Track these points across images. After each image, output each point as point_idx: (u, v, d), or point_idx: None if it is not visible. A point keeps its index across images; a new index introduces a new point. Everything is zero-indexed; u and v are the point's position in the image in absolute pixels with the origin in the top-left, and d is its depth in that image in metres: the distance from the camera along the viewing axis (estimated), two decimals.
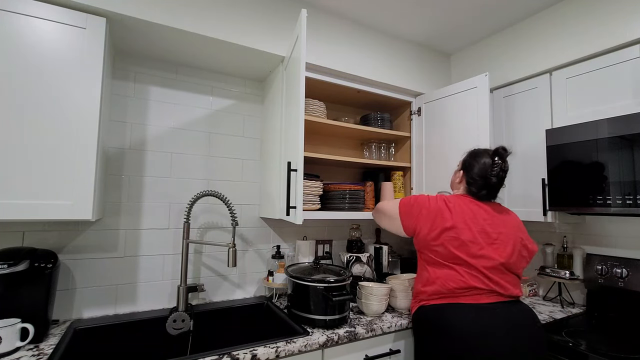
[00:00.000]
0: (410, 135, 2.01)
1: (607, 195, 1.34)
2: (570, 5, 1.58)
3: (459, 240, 1.16)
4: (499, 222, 1.21)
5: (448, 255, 1.17)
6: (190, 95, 1.65)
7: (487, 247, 1.15)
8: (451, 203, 1.23)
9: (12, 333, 1.04)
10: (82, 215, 1.10)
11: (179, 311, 1.41)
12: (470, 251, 1.15)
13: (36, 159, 1.05)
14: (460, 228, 1.17)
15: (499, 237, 1.18)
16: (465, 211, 1.20)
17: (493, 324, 1.07)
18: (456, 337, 1.07)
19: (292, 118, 1.34)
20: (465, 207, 1.22)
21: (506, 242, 1.18)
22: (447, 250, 1.17)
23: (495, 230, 1.18)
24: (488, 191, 1.24)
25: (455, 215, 1.19)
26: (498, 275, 1.15)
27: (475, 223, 1.18)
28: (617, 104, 1.39)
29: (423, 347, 1.20)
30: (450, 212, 1.20)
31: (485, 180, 1.23)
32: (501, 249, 1.16)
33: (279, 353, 1.11)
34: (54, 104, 1.08)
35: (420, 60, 2.01)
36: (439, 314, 1.15)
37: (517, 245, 1.20)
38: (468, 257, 1.14)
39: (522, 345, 1.06)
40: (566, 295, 1.77)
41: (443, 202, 1.23)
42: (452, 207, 1.21)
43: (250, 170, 1.78)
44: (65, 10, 1.12)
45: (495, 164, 1.22)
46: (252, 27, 1.46)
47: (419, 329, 1.23)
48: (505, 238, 1.18)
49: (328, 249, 1.95)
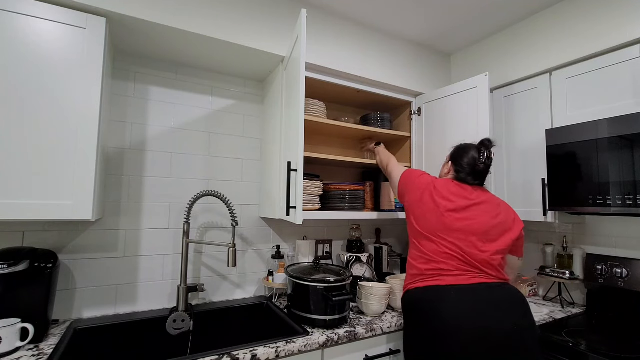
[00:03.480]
0: (410, 135, 2.01)
1: (607, 195, 1.34)
2: (570, 5, 1.58)
3: (438, 209, 1.24)
4: (481, 199, 1.26)
5: (428, 224, 1.24)
6: (190, 95, 1.65)
7: (466, 219, 1.21)
8: (437, 181, 1.33)
9: (12, 333, 1.04)
10: (82, 215, 1.10)
11: (179, 311, 1.41)
12: (447, 222, 1.21)
13: (36, 159, 1.05)
14: (440, 199, 1.25)
15: (480, 213, 1.22)
16: (449, 186, 1.29)
17: (474, 305, 1.08)
18: (436, 320, 1.10)
19: (292, 118, 1.34)
20: (450, 184, 1.30)
21: (485, 213, 1.22)
22: (428, 217, 1.25)
23: (476, 207, 1.23)
24: (474, 177, 1.30)
25: (440, 188, 1.28)
26: (477, 249, 1.17)
27: (457, 197, 1.25)
28: (617, 104, 1.39)
29: (406, 330, 1.23)
30: (435, 186, 1.30)
31: (473, 168, 1.29)
32: (479, 218, 1.21)
33: (279, 353, 1.11)
34: (54, 104, 1.08)
35: (420, 60, 2.01)
36: (420, 297, 1.18)
37: (499, 218, 1.22)
38: (445, 229, 1.21)
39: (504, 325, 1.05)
40: (566, 295, 1.77)
41: (432, 178, 1.36)
42: (438, 183, 1.32)
43: (250, 170, 1.78)
44: (65, 10, 1.12)
45: (481, 154, 1.29)
46: (252, 27, 1.46)
47: (404, 314, 1.26)
48: (486, 209, 1.23)
49: (328, 249, 1.95)
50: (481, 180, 1.31)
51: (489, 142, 1.31)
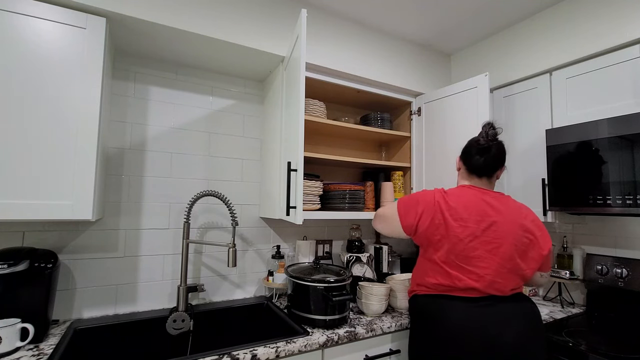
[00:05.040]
0: (410, 135, 2.01)
1: (607, 195, 1.34)
2: (570, 5, 1.58)
3: (455, 240, 1.11)
4: (504, 211, 1.14)
5: (444, 256, 1.13)
6: (190, 95, 1.65)
7: (482, 248, 1.10)
8: (448, 195, 1.19)
9: (12, 333, 1.04)
10: (82, 215, 1.10)
11: (179, 311, 1.41)
12: (467, 255, 1.10)
13: (36, 159, 1.05)
14: (456, 226, 1.12)
15: (496, 237, 1.10)
16: (463, 200, 1.16)
17: (484, 318, 1.06)
18: (444, 327, 1.09)
19: (292, 118, 1.34)
20: (464, 196, 1.17)
21: (503, 241, 1.10)
22: (444, 249, 1.13)
23: (499, 222, 1.12)
24: (481, 156, 1.20)
25: (452, 210, 1.14)
26: (500, 277, 1.10)
27: (476, 216, 1.12)
28: (617, 104, 1.39)
29: (412, 334, 1.22)
30: (448, 205, 1.15)
31: (478, 147, 1.20)
32: (497, 251, 1.10)
33: (279, 353, 1.11)
34: (54, 104, 1.08)
35: (420, 60, 2.01)
36: (429, 304, 1.16)
37: (519, 244, 1.11)
38: (464, 263, 1.11)
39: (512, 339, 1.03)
40: (566, 295, 1.77)
41: (441, 195, 1.19)
42: (449, 197, 1.17)
43: (250, 170, 1.78)
44: (65, 10, 1.12)
45: (480, 133, 1.21)
46: (252, 27, 1.46)
47: (411, 317, 1.25)
48: (504, 236, 1.10)
49: (328, 249, 1.95)
50: (490, 161, 1.20)
51: (489, 122, 1.22)
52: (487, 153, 1.20)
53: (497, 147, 1.21)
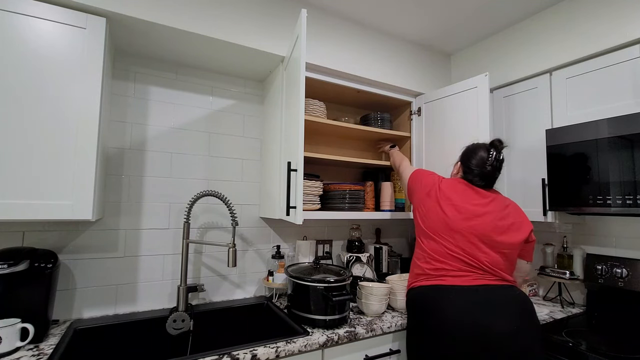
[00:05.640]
0: (410, 135, 2.01)
1: (607, 195, 1.34)
2: (570, 5, 1.58)
3: (441, 209, 1.24)
4: (488, 199, 1.24)
5: (431, 223, 1.25)
6: (190, 95, 1.65)
7: (469, 220, 1.20)
8: (443, 182, 1.33)
9: (12, 333, 1.04)
10: (82, 215, 1.10)
11: (179, 311, 1.41)
12: (450, 222, 1.21)
13: (36, 159, 1.05)
14: (444, 199, 1.26)
15: (484, 213, 1.20)
16: (455, 187, 1.29)
17: (474, 305, 1.08)
18: (437, 318, 1.11)
19: (292, 118, 1.34)
20: (456, 185, 1.30)
21: (490, 213, 1.21)
22: (431, 216, 1.26)
23: (481, 208, 1.22)
24: (482, 178, 1.28)
25: (444, 189, 1.29)
26: (479, 251, 1.17)
27: (462, 197, 1.25)
28: (617, 104, 1.39)
29: (408, 326, 1.25)
30: (439, 186, 1.31)
31: (481, 169, 1.27)
32: (483, 219, 1.20)
33: (279, 353, 1.11)
34: (54, 104, 1.08)
35: (420, 60, 2.01)
36: (422, 295, 1.20)
37: (506, 220, 1.20)
38: (447, 229, 1.21)
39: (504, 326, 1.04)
40: (566, 295, 1.77)
41: (438, 178, 1.37)
42: (443, 184, 1.32)
43: (250, 170, 1.78)
44: (65, 10, 1.12)
45: (490, 154, 1.27)
46: (252, 27, 1.46)
47: (408, 310, 1.28)
48: (493, 209, 1.21)
49: (328, 249, 1.95)
50: (489, 182, 1.28)
51: (500, 143, 1.29)
52: (491, 176, 1.27)
53: (499, 167, 1.27)
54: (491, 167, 1.25)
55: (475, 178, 1.28)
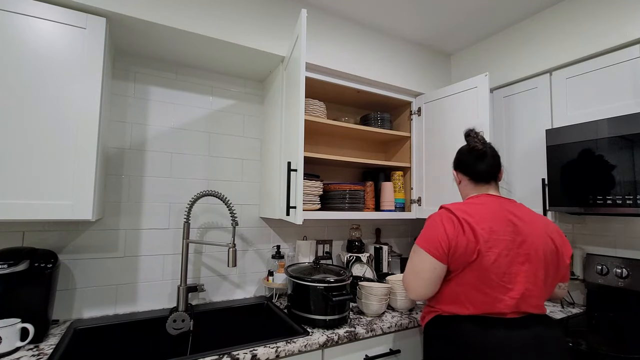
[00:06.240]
0: (410, 135, 2.01)
1: (607, 195, 1.34)
2: (570, 5, 1.58)
3: (494, 255, 1.00)
4: (524, 229, 1.04)
5: (481, 275, 1.01)
6: (190, 95, 1.65)
7: (513, 266, 1.00)
8: (467, 206, 1.08)
9: (12, 333, 1.04)
10: (82, 215, 1.10)
11: (179, 311, 1.41)
12: (505, 271, 1.00)
13: (36, 159, 1.05)
14: (484, 248, 1.00)
15: (527, 250, 1.01)
16: (490, 215, 1.05)
17: (512, 339, 0.97)
18: (470, 351, 0.98)
19: (292, 118, 1.34)
20: (488, 207, 1.07)
21: (536, 254, 1.01)
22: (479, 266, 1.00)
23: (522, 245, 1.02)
24: (482, 161, 1.16)
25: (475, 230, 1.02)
26: (532, 292, 1.01)
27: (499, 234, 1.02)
28: (617, 104, 1.39)
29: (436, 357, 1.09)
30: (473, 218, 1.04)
31: (475, 155, 1.17)
32: (531, 265, 1.01)
33: (279, 353, 1.11)
34: (54, 104, 1.08)
35: (420, 60, 2.01)
36: (455, 326, 1.04)
37: (549, 256, 1.03)
38: (502, 280, 1.00)
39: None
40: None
41: (457, 209, 1.07)
42: (470, 211, 1.06)
43: (250, 170, 1.78)
44: (65, 10, 1.12)
45: (469, 137, 1.21)
46: (252, 27, 1.46)
47: (434, 338, 1.10)
48: (536, 248, 1.02)
49: (328, 249, 1.95)
50: (494, 167, 1.16)
51: (472, 129, 1.24)
52: (486, 157, 1.17)
53: (490, 149, 1.18)
54: (481, 144, 1.16)
55: (476, 164, 1.17)
